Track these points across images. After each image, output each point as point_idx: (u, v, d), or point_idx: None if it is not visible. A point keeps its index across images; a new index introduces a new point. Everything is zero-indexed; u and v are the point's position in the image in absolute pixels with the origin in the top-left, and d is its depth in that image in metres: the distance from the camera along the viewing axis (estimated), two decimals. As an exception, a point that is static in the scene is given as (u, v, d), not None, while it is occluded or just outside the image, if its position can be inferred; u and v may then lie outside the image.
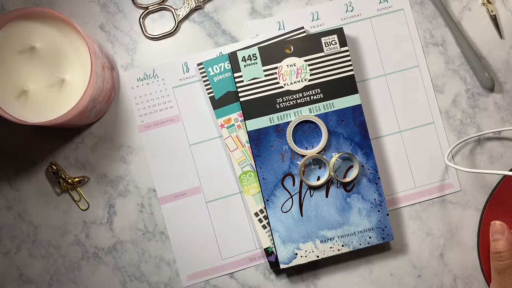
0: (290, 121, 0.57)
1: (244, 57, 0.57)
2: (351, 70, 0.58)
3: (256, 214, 0.58)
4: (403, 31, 0.61)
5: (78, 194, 0.59)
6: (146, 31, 0.60)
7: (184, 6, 0.60)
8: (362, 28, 0.60)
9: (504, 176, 0.59)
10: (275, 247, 0.57)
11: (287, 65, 0.57)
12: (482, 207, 0.60)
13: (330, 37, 0.58)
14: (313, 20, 0.60)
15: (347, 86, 0.58)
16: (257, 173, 0.57)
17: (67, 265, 0.59)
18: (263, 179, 0.57)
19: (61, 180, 0.58)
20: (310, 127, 0.58)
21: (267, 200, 0.57)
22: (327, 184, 0.57)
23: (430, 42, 0.61)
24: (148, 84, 0.59)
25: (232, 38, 0.60)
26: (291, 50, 0.58)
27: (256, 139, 0.57)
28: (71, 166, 0.59)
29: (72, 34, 0.52)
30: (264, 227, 0.58)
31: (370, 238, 0.57)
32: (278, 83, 0.57)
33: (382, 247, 0.60)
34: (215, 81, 0.58)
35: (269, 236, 0.58)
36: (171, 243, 0.59)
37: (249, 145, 0.58)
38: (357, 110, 0.58)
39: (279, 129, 0.57)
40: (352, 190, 0.57)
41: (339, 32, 0.58)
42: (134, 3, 0.60)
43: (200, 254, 0.59)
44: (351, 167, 0.57)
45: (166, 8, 0.60)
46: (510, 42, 0.61)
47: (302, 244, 0.57)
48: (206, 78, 0.59)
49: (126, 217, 0.59)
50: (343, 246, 0.57)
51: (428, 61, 0.61)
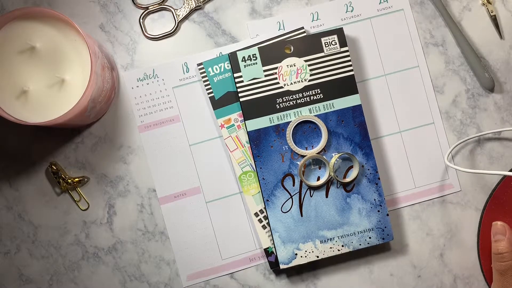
0: (290, 121, 0.57)
1: (244, 57, 0.57)
2: (351, 70, 0.58)
3: (256, 214, 0.58)
4: (403, 31, 0.61)
5: (78, 194, 0.59)
6: (146, 31, 0.60)
7: (184, 6, 0.60)
8: (362, 28, 0.60)
9: (504, 176, 0.59)
10: (275, 247, 0.57)
11: (287, 65, 0.57)
12: (482, 207, 0.60)
13: (330, 37, 0.58)
14: (313, 20, 0.60)
15: (347, 86, 0.58)
16: (257, 173, 0.57)
17: (67, 265, 0.59)
18: (263, 179, 0.57)
19: (61, 180, 0.58)
20: (310, 127, 0.58)
21: (267, 200, 0.57)
22: (327, 184, 0.57)
23: (430, 42, 0.61)
24: (148, 84, 0.59)
25: (232, 38, 0.60)
26: (291, 50, 0.58)
27: (256, 139, 0.57)
28: (71, 166, 0.59)
29: (72, 34, 0.52)
30: (264, 227, 0.58)
31: (370, 238, 0.57)
32: (278, 83, 0.57)
33: (382, 247, 0.60)
34: (215, 81, 0.58)
35: (269, 236, 0.58)
36: (171, 243, 0.59)
37: (249, 145, 0.58)
38: (357, 110, 0.58)
39: (279, 129, 0.57)
40: (352, 190, 0.57)
41: (339, 32, 0.58)
42: (134, 3, 0.60)
43: (200, 254, 0.59)
44: (351, 167, 0.57)
45: (166, 8, 0.60)
46: (510, 42, 0.61)
47: (302, 244, 0.57)
48: (206, 78, 0.59)
49: (126, 217, 0.59)
50: (343, 246, 0.57)
51: (428, 61, 0.61)
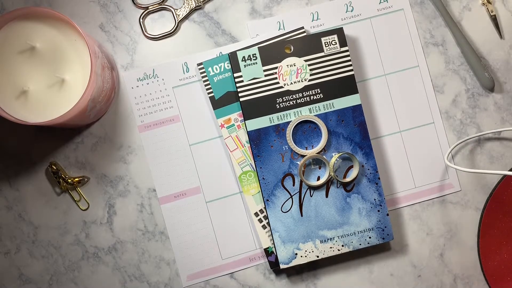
0: (290, 121, 0.57)
1: (244, 57, 0.57)
2: (351, 70, 0.58)
3: (256, 214, 0.58)
4: (403, 31, 0.61)
5: (78, 194, 0.59)
6: (146, 31, 0.60)
7: (184, 6, 0.60)
8: (362, 28, 0.60)
9: (504, 176, 0.59)
10: (275, 247, 0.57)
11: (287, 65, 0.57)
12: (482, 207, 0.60)
13: (330, 37, 0.58)
14: (313, 20, 0.60)
15: (347, 86, 0.58)
16: (257, 173, 0.57)
17: (67, 265, 0.59)
18: (263, 179, 0.57)
19: (61, 180, 0.58)
20: (310, 127, 0.58)
21: (267, 200, 0.57)
22: (327, 184, 0.57)
23: (430, 42, 0.61)
24: (148, 84, 0.59)
25: (232, 38, 0.60)
26: (291, 50, 0.58)
27: (256, 139, 0.57)
28: (71, 166, 0.59)
29: (72, 34, 0.52)
30: (264, 227, 0.58)
31: (370, 238, 0.57)
32: (278, 83, 0.57)
33: (382, 247, 0.60)
34: (215, 81, 0.58)
35: (269, 236, 0.58)
36: (171, 243, 0.59)
37: (249, 145, 0.58)
38: (357, 110, 0.58)
39: (279, 129, 0.57)
40: (352, 190, 0.57)
41: (339, 32, 0.58)
42: (134, 3, 0.60)
43: (200, 254, 0.59)
44: (351, 167, 0.57)
45: (166, 8, 0.60)
46: (510, 42, 0.61)
47: (302, 244, 0.57)
48: (206, 78, 0.59)
49: (126, 217, 0.59)
50: (343, 246, 0.57)
51: (428, 61, 0.61)
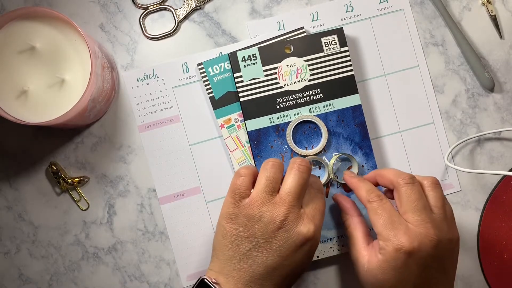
0: (290, 121, 0.57)
1: (244, 57, 0.57)
2: (351, 70, 0.58)
3: (256, 214, 0.58)
4: (403, 31, 0.61)
5: (78, 194, 0.59)
6: (146, 31, 0.60)
7: (184, 6, 0.60)
8: (362, 28, 0.60)
9: (504, 176, 0.59)
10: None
11: (287, 65, 0.57)
12: (482, 207, 0.60)
13: (330, 37, 0.58)
14: (313, 20, 0.60)
15: (347, 86, 0.58)
16: (257, 173, 0.57)
17: (67, 265, 0.59)
18: (263, 179, 0.57)
19: (61, 180, 0.58)
20: (310, 127, 0.58)
21: (267, 200, 0.57)
22: (327, 185, 0.57)
23: (430, 42, 0.61)
24: (148, 84, 0.59)
25: (232, 38, 0.60)
26: (291, 50, 0.58)
27: (256, 139, 0.57)
28: (71, 166, 0.59)
29: (72, 34, 0.52)
30: (264, 227, 0.58)
31: (370, 238, 0.57)
32: (278, 83, 0.57)
33: (382, 247, 0.59)
34: (215, 81, 0.58)
35: (269, 236, 0.58)
36: (171, 243, 0.59)
37: (249, 145, 0.58)
38: (357, 110, 0.58)
39: (279, 129, 0.57)
40: (352, 190, 0.57)
41: (339, 32, 0.58)
42: (134, 3, 0.60)
43: (200, 254, 0.59)
44: (351, 167, 0.57)
45: (166, 8, 0.60)
46: (510, 42, 0.61)
47: (302, 244, 0.57)
48: (206, 78, 0.59)
49: (126, 217, 0.59)
50: (343, 246, 0.57)
51: (428, 61, 0.61)
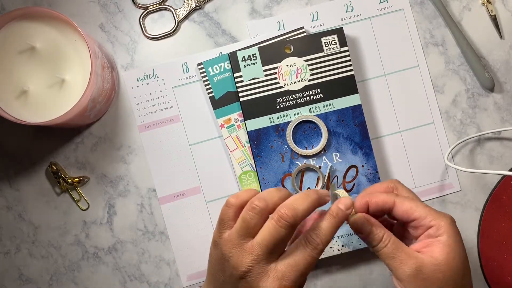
0: (290, 121, 0.57)
1: (244, 57, 0.57)
2: (351, 70, 0.58)
3: (256, 214, 0.58)
4: (403, 31, 0.61)
5: (78, 194, 0.59)
6: (146, 31, 0.60)
7: (184, 6, 0.60)
8: (362, 28, 0.60)
9: (504, 176, 0.59)
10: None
11: (287, 65, 0.57)
12: (482, 207, 0.60)
13: (330, 37, 0.58)
14: (313, 20, 0.60)
15: (347, 86, 0.58)
16: (257, 173, 0.57)
17: (67, 265, 0.59)
18: (263, 179, 0.57)
19: (61, 180, 0.58)
20: (310, 127, 0.58)
21: (267, 200, 0.57)
22: (327, 184, 0.57)
23: (430, 42, 0.61)
24: (148, 84, 0.59)
25: (232, 38, 0.60)
26: (291, 50, 0.58)
27: (256, 139, 0.57)
28: (71, 166, 0.59)
29: (72, 34, 0.52)
30: (264, 227, 0.58)
31: (370, 238, 0.57)
32: (278, 83, 0.57)
33: (382, 247, 0.59)
34: (215, 81, 0.58)
35: (269, 236, 0.58)
36: (171, 243, 0.59)
37: (249, 145, 0.58)
38: (357, 110, 0.58)
39: (279, 129, 0.57)
40: (352, 190, 0.57)
41: (339, 32, 0.58)
42: (134, 3, 0.60)
43: (200, 254, 0.59)
44: (351, 167, 0.57)
45: (166, 8, 0.60)
46: (510, 42, 0.61)
47: (302, 244, 0.57)
48: (206, 78, 0.59)
49: (126, 217, 0.59)
50: (343, 246, 0.57)
51: (428, 61, 0.61)
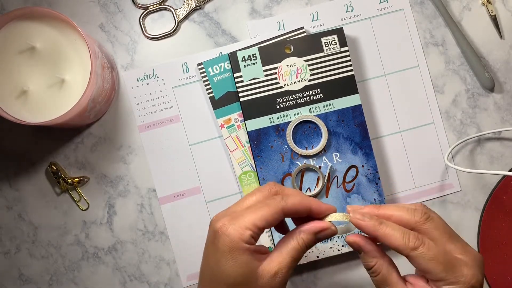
0: (290, 121, 0.57)
1: (244, 57, 0.57)
2: (351, 70, 0.58)
3: (256, 214, 0.58)
4: (403, 31, 0.61)
5: (78, 194, 0.59)
6: (146, 31, 0.60)
7: (184, 6, 0.60)
8: (362, 28, 0.60)
9: (504, 176, 0.59)
10: (275, 247, 0.57)
11: (287, 65, 0.57)
12: (482, 207, 0.60)
13: (330, 37, 0.58)
14: (313, 20, 0.60)
15: (347, 86, 0.58)
16: (257, 173, 0.57)
17: (67, 265, 0.59)
18: (263, 179, 0.57)
19: (61, 180, 0.58)
20: (310, 127, 0.58)
21: (267, 200, 0.57)
22: (327, 184, 0.57)
23: (430, 42, 0.61)
24: (148, 84, 0.59)
25: (232, 38, 0.60)
26: (291, 50, 0.58)
27: (256, 139, 0.57)
28: (71, 166, 0.59)
29: (72, 34, 0.52)
30: (264, 227, 0.58)
31: (370, 238, 0.57)
32: (278, 83, 0.57)
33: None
34: (215, 81, 0.58)
35: (269, 236, 0.58)
36: (171, 243, 0.59)
37: (249, 145, 0.58)
38: (357, 110, 0.58)
39: (279, 129, 0.57)
40: (352, 190, 0.57)
41: (339, 32, 0.58)
42: (134, 3, 0.60)
43: (200, 254, 0.59)
44: (351, 167, 0.57)
45: (166, 8, 0.60)
46: (510, 42, 0.61)
47: (302, 244, 0.57)
48: (206, 78, 0.59)
49: (126, 217, 0.59)
50: (343, 246, 0.57)
51: (428, 61, 0.61)
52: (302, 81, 0.57)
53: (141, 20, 0.60)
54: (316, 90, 0.57)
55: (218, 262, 0.41)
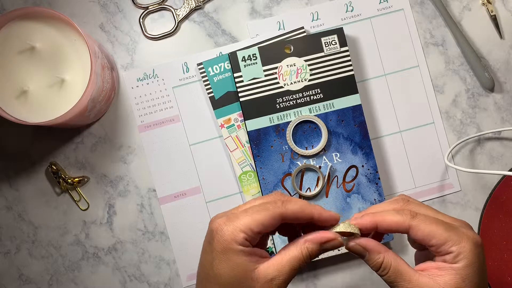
0: (290, 121, 0.57)
1: (244, 57, 0.57)
2: (351, 70, 0.58)
3: (256, 214, 0.58)
4: (403, 31, 0.61)
5: (78, 194, 0.59)
6: (146, 31, 0.60)
7: (184, 6, 0.60)
8: (362, 28, 0.60)
9: (504, 176, 0.59)
10: (275, 247, 0.57)
11: (287, 65, 0.57)
12: (482, 207, 0.60)
13: (330, 37, 0.58)
14: (313, 20, 0.60)
15: (347, 86, 0.58)
16: (257, 173, 0.57)
17: (67, 265, 0.59)
18: (263, 179, 0.57)
19: (61, 180, 0.58)
20: (310, 127, 0.58)
21: (267, 200, 0.57)
22: (327, 184, 0.57)
23: (430, 42, 0.61)
24: (148, 84, 0.59)
25: (232, 38, 0.60)
26: (291, 50, 0.58)
27: (256, 139, 0.57)
28: (71, 166, 0.59)
29: (72, 34, 0.52)
30: (264, 227, 0.58)
31: (370, 238, 0.57)
32: (278, 83, 0.57)
33: (382, 247, 0.59)
34: (215, 81, 0.58)
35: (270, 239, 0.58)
36: (171, 243, 0.59)
37: (249, 145, 0.58)
38: (357, 110, 0.58)
39: (279, 129, 0.57)
40: (352, 190, 0.57)
41: (339, 32, 0.58)
42: (134, 3, 0.60)
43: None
44: (351, 167, 0.57)
45: (166, 8, 0.60)
46: (510, 42, 0.61)
47: (302, 244, 0.57)
48: (206, 78, 0.59)
49: (126, 217, 0.59)
50: (343, 246, 0.57)
51: (428, 61, 0.61)
52: (302, 81, 0.57)
53: (141, 20, 0.60)
54: (316, 90, 0.57)
55: (212, 262, 0.41)
